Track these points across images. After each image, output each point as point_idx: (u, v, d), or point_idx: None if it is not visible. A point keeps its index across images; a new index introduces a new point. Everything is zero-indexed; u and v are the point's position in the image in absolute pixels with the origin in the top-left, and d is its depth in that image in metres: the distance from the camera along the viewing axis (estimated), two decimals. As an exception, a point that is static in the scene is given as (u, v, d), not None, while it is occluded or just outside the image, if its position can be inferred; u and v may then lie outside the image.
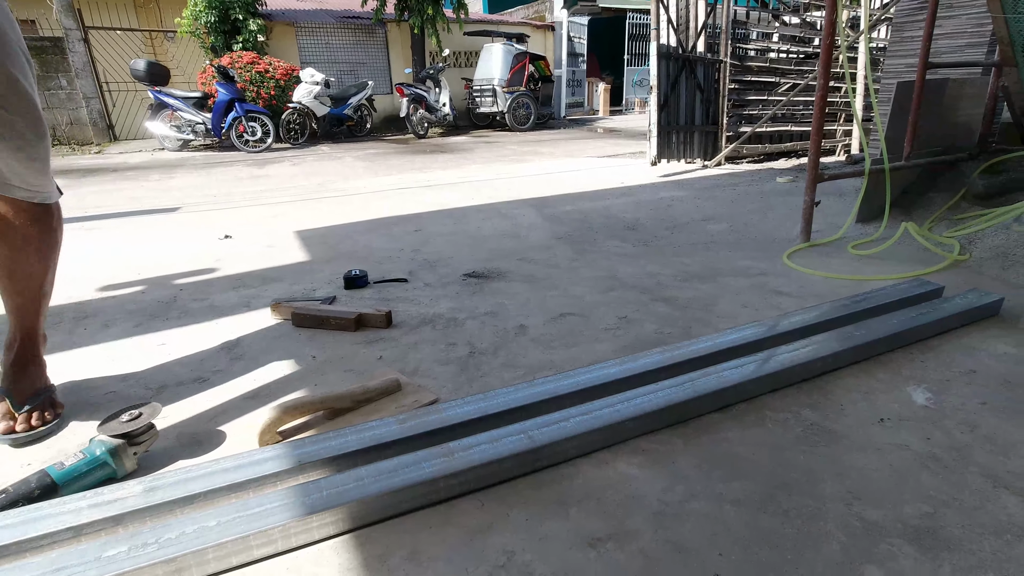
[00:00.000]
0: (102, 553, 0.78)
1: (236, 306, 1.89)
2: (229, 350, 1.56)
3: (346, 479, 0.93)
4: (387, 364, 1.46)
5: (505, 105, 9.66)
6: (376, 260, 2.38)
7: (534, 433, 1.04)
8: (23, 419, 1.16)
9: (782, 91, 5.44)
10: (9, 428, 1.14)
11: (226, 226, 3.10)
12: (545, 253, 2.45)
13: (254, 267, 2.33)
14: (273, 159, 6.70)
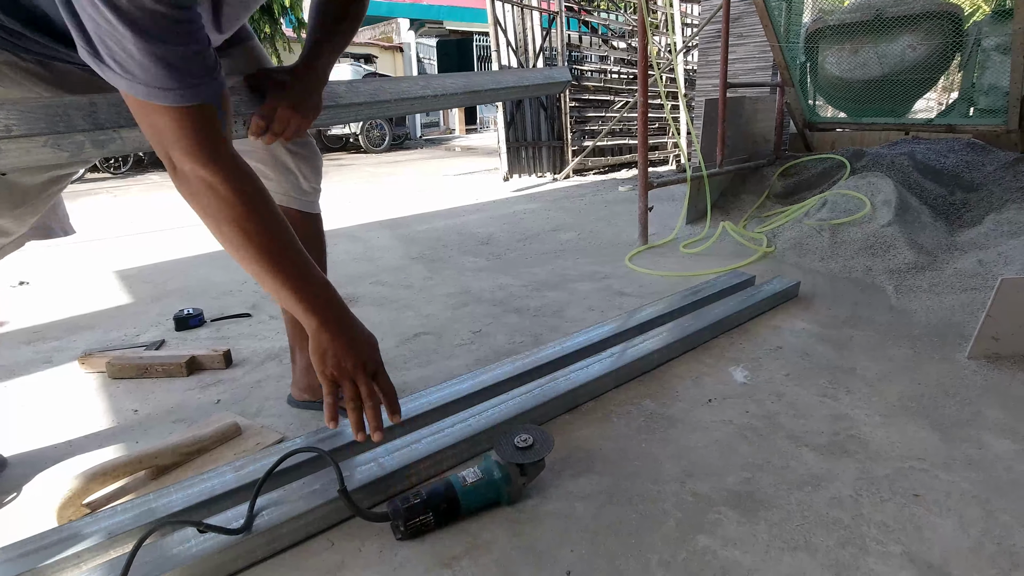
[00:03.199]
0: None
1: (31, 363, 1.62)
2: (19, 420, 1.33)
3: (173, 542, 0.82)
4: (226, 407, 1.34)
5: (358, 126, 9.45)
6: (214, 295, 2.18)
7: (384, 460, 1.01)
8: None
9: (617, 108, 5.91)
10: None
11: (20, 271, 2.66)
12: (398, 274, 2.41)
13: (58, 316, 2.02)
14: (87, 191, 5.92)
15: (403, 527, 0.88)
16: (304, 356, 1.25)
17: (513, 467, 0.94)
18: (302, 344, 1.22)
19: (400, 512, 0.87)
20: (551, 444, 0.97)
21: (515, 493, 0.95)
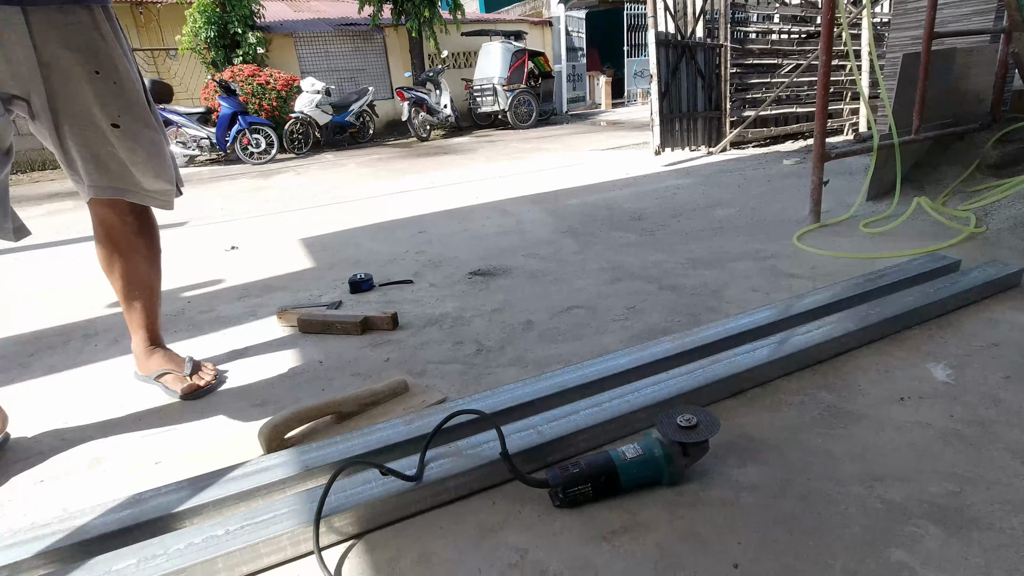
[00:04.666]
0: (112, 566, 0.77)
1: (242, 316, 1.89)
2: (236, 359, 1.56)
3: (354, 482, 0.91)
4: (394, 366, 1.45)
5: (506, 103, 9.63)
6: (381, 263, 2.37)
7: (543, 428, 1.03)
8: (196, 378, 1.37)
9: (784, 72, 5.37)
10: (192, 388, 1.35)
11: (232, 237, 3.11)
12: (549, 248, 2.43)
13: (259, 276, 2.33)
14: (277, 170, 6.74)
15: (562, 495, 0.89)
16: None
17: (676, 446, 0.90)
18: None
19: (560, 480, 0.89)
20: (717, 426, 0.92)
21: (676, 474, 0.92)
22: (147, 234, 1.34)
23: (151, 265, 1.37)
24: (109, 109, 1.15)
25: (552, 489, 0.90)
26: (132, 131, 1.19)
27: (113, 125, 1.16)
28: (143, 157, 1.21)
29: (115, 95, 1.16)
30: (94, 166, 1.19)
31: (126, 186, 1.22)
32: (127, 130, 1.18)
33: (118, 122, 1.17)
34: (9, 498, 1.05)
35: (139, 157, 1.21)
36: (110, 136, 1.17)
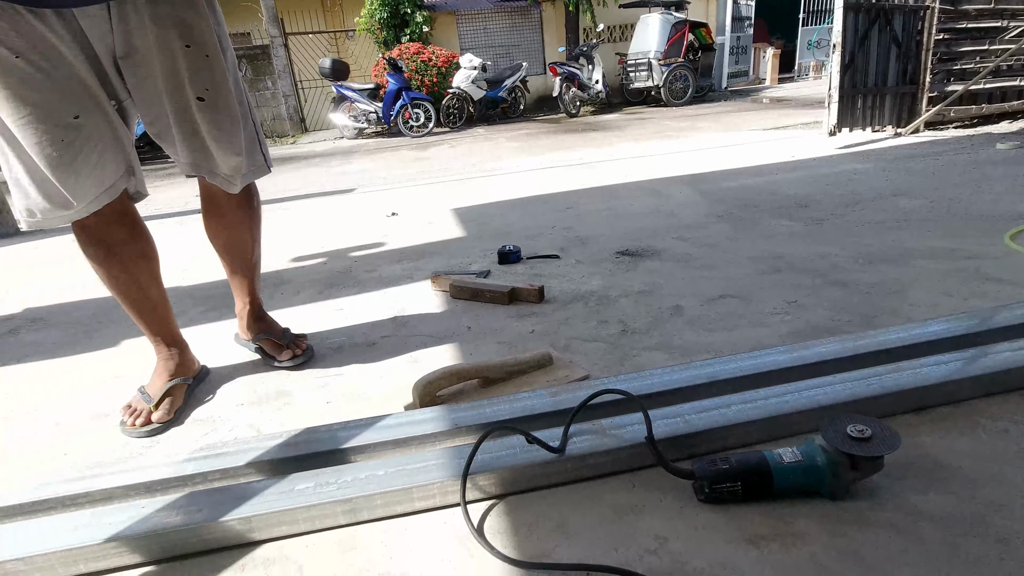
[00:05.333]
0: (295, 486, 0.89)
1: (400, 277, 2.05)
2: (395, 317, 1.70)
3: (499, 446, 0.95)
4: (538, 338, 1.48)
5: (660, 79, 9.22)
6: (528, 236, 2.42)
7: (691, 417, 0.99)
8: (293, 348, 1.44)
9: (1010, 37, 4.50)
10: (290, 355, 1.43)
11: (392, 205, 3.36)
12: (701, 232, 2.30)
13: (415, 242, 2.50)
14: (433, 142, 7.13)
15: (708, 489, 0.85)
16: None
17: (843, 457, 0.82)
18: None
19: (708, 473, 0.85)
20: (897, 443, 0.82)
21: (839, 487, 0.84)
22: (247, 206, 1.36)
23: (251, 236, 1.40)
24: (197, 82, 1.12)
25: (698, 482, 0.87)
26: (217, 105, 1.15)
27: (199, 99, 1.13)
28: (225, 134, 1.18)
29: (204, 68, 1.12)
30: (183, 143, 1.17)
31: (208, 165, 1.21)
32: (212, 104, 1.14)
33: (204, 96, 1.13)
34: (219, 415, 1.25)
35: (221, 133, 1.18)
36: (195, 110, 1.14)
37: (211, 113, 1.15)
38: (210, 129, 1.16)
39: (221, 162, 1.20)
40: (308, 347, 1.48)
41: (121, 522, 0.85)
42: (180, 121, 1.14)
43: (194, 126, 1.15)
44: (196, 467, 0.97)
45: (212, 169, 1.21)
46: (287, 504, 0.86)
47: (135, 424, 1.21)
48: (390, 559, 0.83)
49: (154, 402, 1.24)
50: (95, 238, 1.16)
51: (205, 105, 1.14)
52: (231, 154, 1.20)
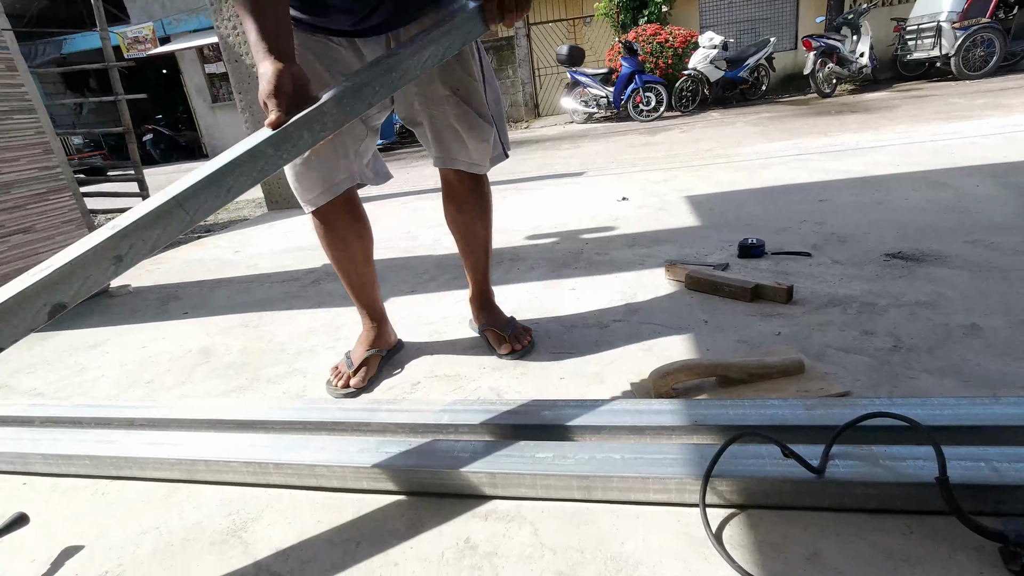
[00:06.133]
0: (535, 453, 0.94)
1: (632, 263, 2.03)
2: (626, 302, 1.69)
3: (745, 453, 0.88)
4: (785, 342, 1.34)
5: (952, 46, 7.55)
6: (772, 230, 2.20)
7: (1001, 466, 0.80)
8: (513, 341, 1.45)
9: None
10: (509, 349, 1.43)
11: (622, 189, 3.34)
12: (1007, 235, 1.84)
13: (647, 228, 2.45)
14: (663, 127, 6.91)
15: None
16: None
17: None
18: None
19: (1031, 542, 0.68)
20: None
21: None
22: (479, 193, 1.41)
23: (482, 223, 1.45)
24: (449, 77, 1.22)
25: (1012, 547, 0.70)
26: (466, 98, 1.24)
27: (453, 90, 1.23)
28: (472, 124, 1.26)
29: (458, 64, 1.22)
30: (434, 138, 1.29)
31: (455, 156, 1.31)
32: (463, 96, 1.24)
33: (457, 87, 1.23)
34: (466, 374, 1.38)
35: (469, 123, 1.26)
36: (447, 103, 1.24)
37: (461, 107, 1.24)
38: (460, 121, 1.26)
39: (471, 150, 1.30)
40: (531, 341, 1.47)
41: (393, 453, 1.00)
42: (433, 115, 1.26)
43: (446, 119, 1.26)
44: (450, 418, 1.08)
45: (458, 157, 1.31)
46: (527, 469, 0.92)
47: (337, 385, 1.38)
48: (621, 543, 0.83)
49: (353, 368, 1.40)
50: (323, 221, 1.34)
51: (457, 99, 1.24)
52: (480, 141, 1.29)
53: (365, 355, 1.43)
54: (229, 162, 0.80)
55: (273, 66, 0.88)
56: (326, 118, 0.87)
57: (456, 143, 1.29)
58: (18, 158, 2.24)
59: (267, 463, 1.03)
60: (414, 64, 0.94)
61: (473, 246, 1.49)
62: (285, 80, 0.88)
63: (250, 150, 0.81)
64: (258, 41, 0.90)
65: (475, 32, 1.03)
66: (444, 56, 0.99)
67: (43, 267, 0.73)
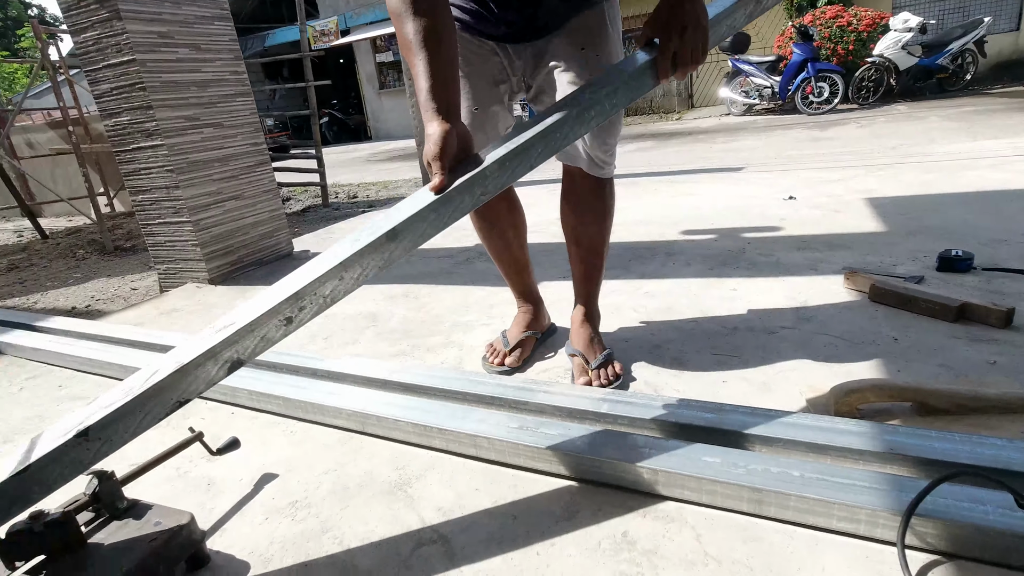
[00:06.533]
0: (702, 456, 0.90)
1: (802, 267, 1.86)
2: (796, 309, 1.55)
3: (958, 494, 0.77)
4: (1002, 373, 1.14)
5: None
6: (983, 242, 1.89)
7: None
8: (595, 375, 1.28)
9: None
10: (586, 382, 1.27)
11: (787, 187, 3.08)
12: None
13: (819, 231, 2.23)
14: (835, 121, 6.24)
15: None
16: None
17: None
18: None
19: None
20: None
21: None
22: (600, 196, 1.31)
23: (599, 229, 1.34)
24: (583, 78, 1.15)
25: None
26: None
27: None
28: (607, 125, 1.20)
29: (593, 66, 1.15)
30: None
31: (580, 152, 1.24)
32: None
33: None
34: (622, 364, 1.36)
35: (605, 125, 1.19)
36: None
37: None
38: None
39: (597, 149, 1.23)
40: (620, 377, 1.29)
41: (553, 435, 1.01)
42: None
43: None
44: (609, 408, 1.07)
45: (583, 155, 1.24)
46: (693, 471, 0.88)
47: (492, 362, 1.41)
48: (797, 569, 0.76)
49: (509, 347, 1.42)
50: (481, 210, 1.35)
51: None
52: (608, 141, 1.23)
53: (521, 336, 1.46)
54: (392, 228, 0.81)
55: (440, 127, 0.88)
56: (487, 182, 0.86)
57: (591, 139, 1.22)
58: (236, 135, 2.60)
59: (431, 427, 1.09)
60: (578, 124, 0.91)
61: (585, 253, 1.37)
62: (451, 142, 0.87)
63: (415, 214, 0.83)
64: (427, 99, 0.90)
65: (643, 88, 0.97)
66: (609, 114, 0.95)
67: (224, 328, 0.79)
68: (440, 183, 0.85)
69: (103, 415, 0.73)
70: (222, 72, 2.54)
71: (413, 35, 0.92)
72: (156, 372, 0.76)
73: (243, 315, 0.79)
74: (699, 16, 0.93)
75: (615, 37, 1.20)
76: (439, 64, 0.92)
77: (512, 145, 0.87)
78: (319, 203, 5.45)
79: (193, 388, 0.78)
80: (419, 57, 0.91)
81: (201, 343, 0.78)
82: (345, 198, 5.61)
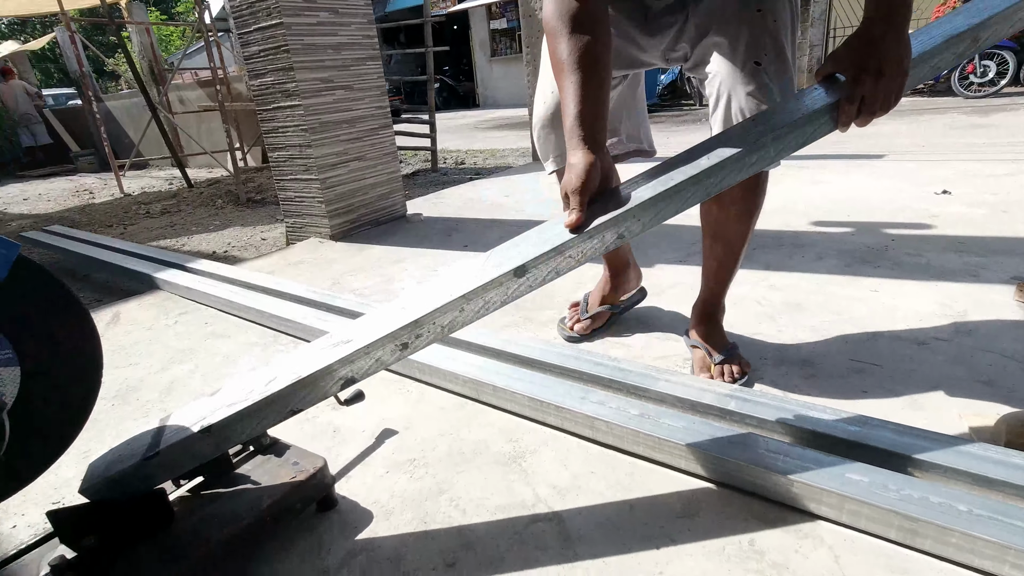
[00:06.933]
0: (844, 472, 0.83)
1: (958, 272, 1.65)
2: (953, 320, 1.38)
3: None
4: None
5: None
6: None
7: None
8: (717, 371, 1.21)
9: None
10: (708, 379, 1.20)
11: (938, 179, 2.74)
12: None
13: (980, 232, 1.97)
14: (1000, 106, 5.47)
15: None
16: None
17: None
18: None
19: None
20: None
21: None
22: (753, 190, 1.14)
23: (744, 226, 1.17)
24: (757, 47, 1.00)
25: None
26: (772, 72, 1.00)
27: (756, 63, 1.00)
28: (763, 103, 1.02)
29: (769, 34, 1.00)
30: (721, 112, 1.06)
31: None
32: (768, 70, 1.00)
33: (761, 60, 1.00)
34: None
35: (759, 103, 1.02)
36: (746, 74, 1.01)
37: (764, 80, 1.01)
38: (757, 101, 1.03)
39: None
40: (741, 375, 1.21)
41: (675, 427, 0.97)
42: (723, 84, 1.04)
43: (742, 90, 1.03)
44: (736, 406, 1.01)
45: None
46: (834, 486, 0.81)
47: (568, 326, 1.49)
48: (954, 612, 0.69)
49: (586, 316, 1.48)
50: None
51: (761, 71, 1.01)
52: None
53: (598, 309, 1.49)
54: (520, 265, 0.78)
55: (585, 158, 0.83)
56: (630, 225, 0.80)
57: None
58: (364, 97, 2.70)
59: (547, 403, 1.09)
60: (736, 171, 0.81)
61: (722, 251, 1.23)
62: (595, 175, 0.82)
63: (545, 252, 0.78)
64: (575, 126, 0.86)
65: (817, 134, 0.84)
66: (772, 161, 0.83)
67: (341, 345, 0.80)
68: (577, 220, 0.80)
69: (225, 415, 0.78)
70: (356, 36, 2.63)
71: (568, 54, 0.88)
72: (275, 379, 0.80)
73: (361, 334, 0.81)
74: (902, 57, 0.80)
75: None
76: (592, 88, 0.87)
77: (660, 188, 0.80)
78: (428, 167, 5.60)
79: (307, 400, 0.81)
80: (571, 79, 0.87)
81: (318, 358, 0.80)
82: (453, 164, 5.72)
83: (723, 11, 1.04)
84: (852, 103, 0.80)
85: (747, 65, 1.00)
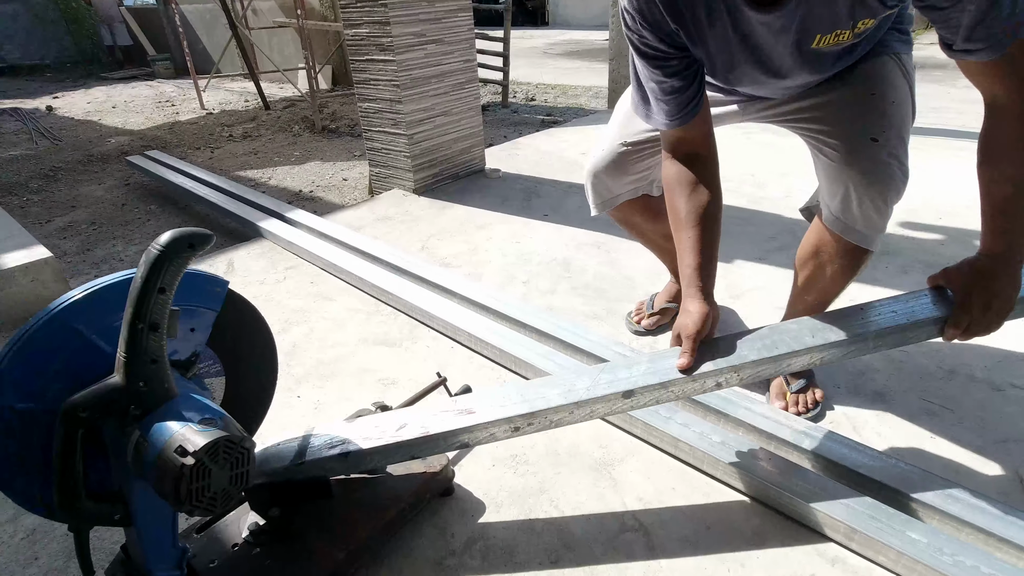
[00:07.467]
0: (906, 529, 0.94)
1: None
2: (1034, 364, 1.41)
3: None
4: None
5: None
6: None
7: None
8: (792, 399, 1.28)
9: None
10: (783, 407, 1.28)
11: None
12: None
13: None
14: None
15: None
16: None
17: None
18: None
19: None
20: None
21: None
22: (851, 265, 1.12)
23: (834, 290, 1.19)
24: (870, 123, 1.01)
25: None
26: (888, 148, 1.00)
27: (872, 139, 1.00)
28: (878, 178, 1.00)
29: (880, 115, 1.01)
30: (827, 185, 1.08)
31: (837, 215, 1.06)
32: (885, 146, 1.00)
33: (878, 137, 1.00)
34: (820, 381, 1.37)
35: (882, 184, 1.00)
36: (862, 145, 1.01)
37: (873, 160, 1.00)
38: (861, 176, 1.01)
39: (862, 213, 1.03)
40: (815, 405, 1.27)
41: (748, 456, 1.09)
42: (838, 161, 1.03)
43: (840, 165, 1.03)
44: (810, 444, 1.11)
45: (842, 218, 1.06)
46: (894, 542, 0.92)
47: (634, 321, 1.63)
48: (986, 666, 0.81)
49: (651, 311, 1.61)
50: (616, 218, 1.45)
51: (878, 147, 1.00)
52: (882, 203, 1.02)
53: (664, 305, 1.60)
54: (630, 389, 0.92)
55: (702, 308, 0.93)
56: (731, 376, 0.92)
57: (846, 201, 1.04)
58: (453, 51, 2.70)
59: (636, 418, 1.22)
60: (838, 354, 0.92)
61: (816, 298, 1.21)
62: (707, 324, 0.93)
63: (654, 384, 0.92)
64: (694, 277, 0.96)
65: (916, 340, 0.93)
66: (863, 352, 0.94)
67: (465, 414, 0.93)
68: (687, 363, 0.92)
69: (360, 447, 0.93)
70: (449, -14, 2.60)
71: (686, 211, 0.99)
72: (405, 426, 0.95)
73: (484, 408, 0.94)
74: (1010, 295, 0.88)
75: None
76: (707, 244, 0.98)
77: (764, 353, 0.91)
78: (498, 101, 5.54)
79: (427, 451, 0.96)
80: (689, 233, 0.98)
81: (444, 421, 0.94)
82: (523, 99, 5.63)
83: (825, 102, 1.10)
84: (957, 328, 0.90)
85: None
